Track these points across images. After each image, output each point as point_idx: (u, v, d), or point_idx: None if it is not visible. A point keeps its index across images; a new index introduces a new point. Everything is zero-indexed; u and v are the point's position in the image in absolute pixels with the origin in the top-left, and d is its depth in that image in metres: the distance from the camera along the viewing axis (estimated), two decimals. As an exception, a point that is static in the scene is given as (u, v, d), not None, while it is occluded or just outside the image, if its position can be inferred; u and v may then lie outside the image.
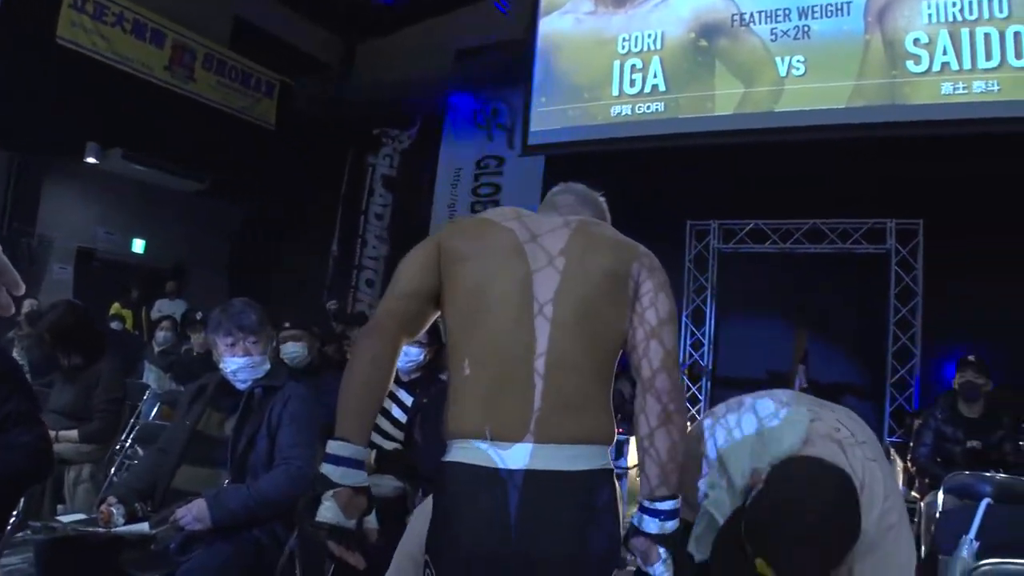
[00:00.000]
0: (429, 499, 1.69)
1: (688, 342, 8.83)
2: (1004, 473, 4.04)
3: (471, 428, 1.49)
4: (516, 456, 1.46)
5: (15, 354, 5.14)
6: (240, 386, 2.57)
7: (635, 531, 1.50)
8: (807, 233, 8.30)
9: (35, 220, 9.84)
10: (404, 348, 3.37)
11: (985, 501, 2.19)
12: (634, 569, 1.53)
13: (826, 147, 7.48)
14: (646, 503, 1.50)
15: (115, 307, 8.91)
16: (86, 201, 10.56)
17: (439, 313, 1.65)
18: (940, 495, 3.81)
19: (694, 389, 8.68)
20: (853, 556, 1.49)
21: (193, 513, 2.25)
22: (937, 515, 3.53)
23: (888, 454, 6.68)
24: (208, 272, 12.01)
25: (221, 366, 2.58)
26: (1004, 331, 6.90)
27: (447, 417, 1.55)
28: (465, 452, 1.49)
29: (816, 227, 8.23)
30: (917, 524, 4.17)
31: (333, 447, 1.41)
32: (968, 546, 2.14)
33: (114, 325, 7.75)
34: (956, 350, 5.13)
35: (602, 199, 1.94)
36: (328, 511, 1.34)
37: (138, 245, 11.39)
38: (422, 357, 3.32)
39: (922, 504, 4.29)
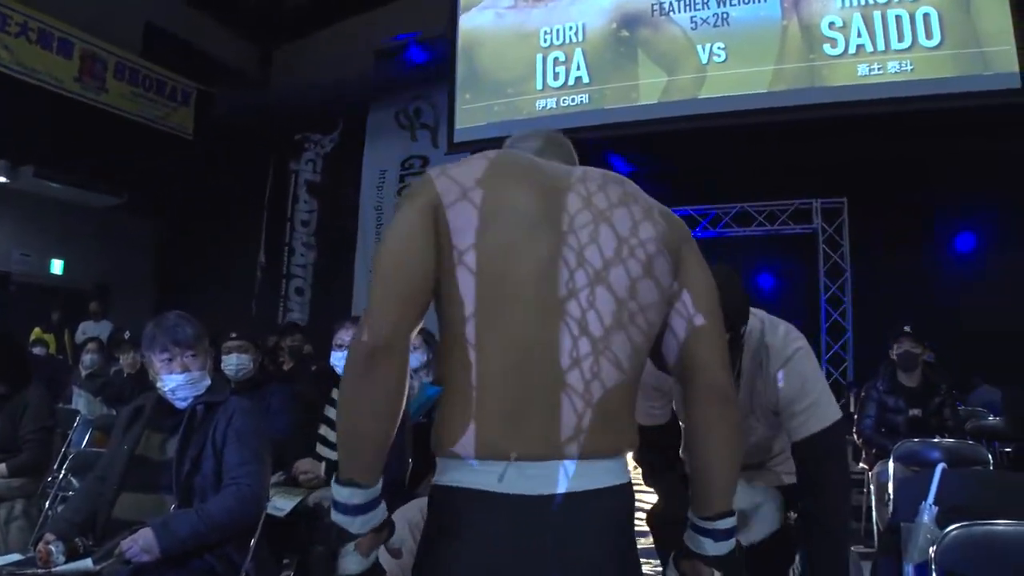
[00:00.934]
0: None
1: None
2: (947, 438, 4.21)
3: (489, 446, 1.20)
4: (552, 477, 1.20)
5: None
6: (180, 404, 2.45)
7: (689, 553, 1.31)
8: (736, 217, 8.47)
9: (-57, 247, 9.37)
10: (341, 354, 3.30)
11: (940, 466, 2.24)
12: None
13: (750, 132, 7.62)
14: (703, 523, 1.29)
15: (36, 332, 8.54)
16: (-2, 223, 10.10)
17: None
18: (891, 464, 3.92)
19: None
20: (771, 368, 1.95)
21: (140, 544, 2.13)
22: (890, 484, 3.64)
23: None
24: (132, 290, 11.66)
25: (158, 385, 2.45)
26: (930, 300, 7.16)
27: (445, 430, 1.25)
28: (477, 476, 1.21)
29: (744, 210, 8.40)
30: (866, 495, 4.28)
31: (345, 495, 1.19)
32: (928, 511, 2.18)
33: (37, 350, 7.41)
34: (886, 322, 5.26)
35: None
36: (351, 564, 1.21)
37: (56, 266, 10.97)
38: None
39: (870, 474, 4.40)
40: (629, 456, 1.36)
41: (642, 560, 1.35)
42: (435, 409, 1.35)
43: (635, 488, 1.33)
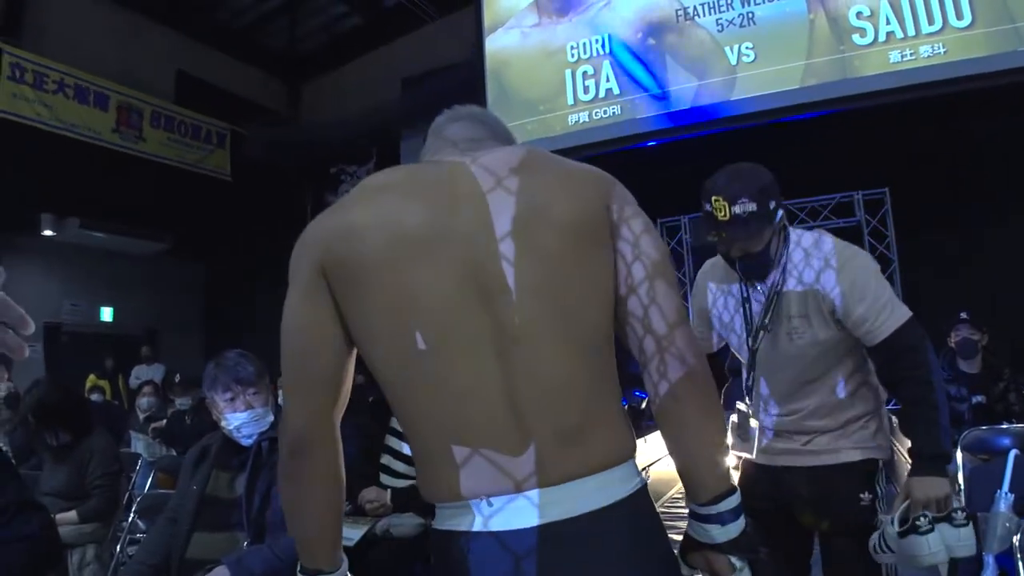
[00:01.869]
0: None
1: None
2: (1016, 423, 4.09)
3: (456, 490, 1.08)
4: (522, 513, 1.06)
5: (-3, 441, 4.98)
6: (245, 442, 2.46)
7: (694, 544, 1.15)
8: (779, 216, 8.35)
9: (-4, 302, 9.59)
10: None
11: (1013, 452, 2.21)
12: None
13: (785, 129, 7.54)
14: (700, 509, 1.12)
15: (91, 379, 8.70)
16: (48, 275, 10.36)
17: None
18: (958, 454, 3.82)
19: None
20: (834, 279, 1.88)
21: (216, 582, 2.14)
22: (960, 475, 3.55)
23: (890, 423, 6.69)
24: (182, 332, 11.87)
25: (223, 424, 2.46)
26: (982, 285, 7.00)
27: (421, 480, 1.15)
28: (456, 519, 1.10)
29: (785, 208, 8.26)
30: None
31: None
32: (1004, 500, 2.16)
33: (94, 397, 7.55)
34: (939, 310, 5.14)
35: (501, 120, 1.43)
36: None
37: (106, 313, 11.20)
38: None
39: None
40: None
41: None
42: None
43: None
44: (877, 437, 2.00)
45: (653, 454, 5.35)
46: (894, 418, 2.31)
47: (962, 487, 3.47)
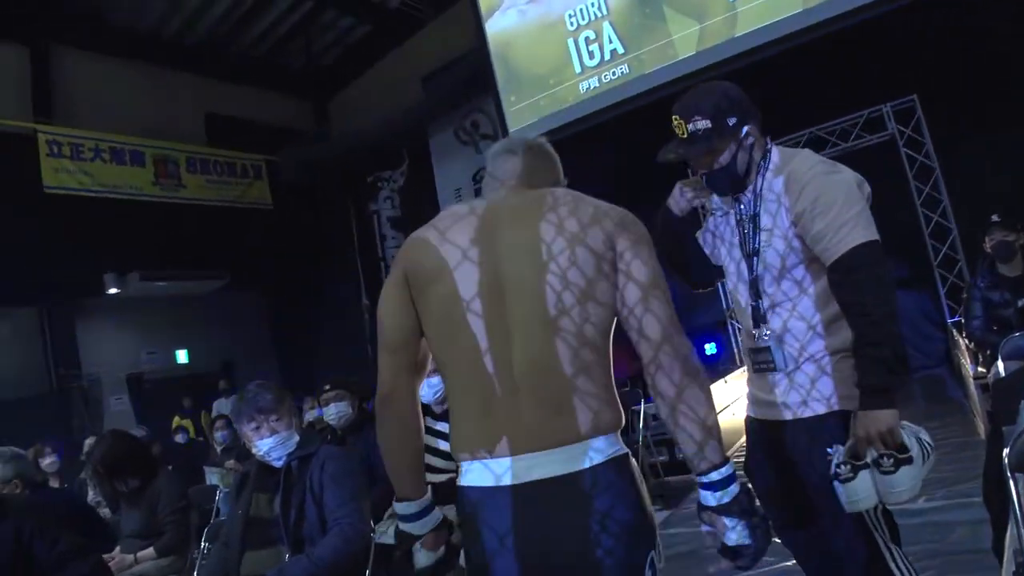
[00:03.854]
0: None
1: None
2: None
3: (469, 448, 1.46)
4: (506, 471, 1.41)
5: (90, 493, 5.32)
6: (276, 463, 2.64)
7: (700, 507, 1.44)
8: (807, 144, 8.19)
9: (79, 362, 10.21)
10: (427, 380, 3.45)
11: None
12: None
13: (796, 55, 7.38)
14: (699, 479, 1.42)
15: (176, 420, 9.14)
16: (121, 329, 10.92)
17: None
18: (1000, 364, 3.67)
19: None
20: (800, 191, 1.84)
21: (263, 595, 2.33)
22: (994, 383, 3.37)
23: (953, 336, 6.50)
24: (255, 361, 12.30)
25: (254, 451, 2.66)
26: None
27: (451, 439, 1.54)
28: (469, 474, 1.47)
29: (814, 135, 8.12)
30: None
31: (402, 508, 1.58)
32: None
33: (179, 438, 7.96)
34: (991, 210, 4.96)
35: (543, 140, 1.75)
36: (423, 558, 1.59)
37: (182, 355, 11.72)
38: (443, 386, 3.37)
39: (990, 378, 4.14)
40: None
41: None
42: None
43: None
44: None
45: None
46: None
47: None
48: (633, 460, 1.49)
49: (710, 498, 1.41)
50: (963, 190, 7.62)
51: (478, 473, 1.44)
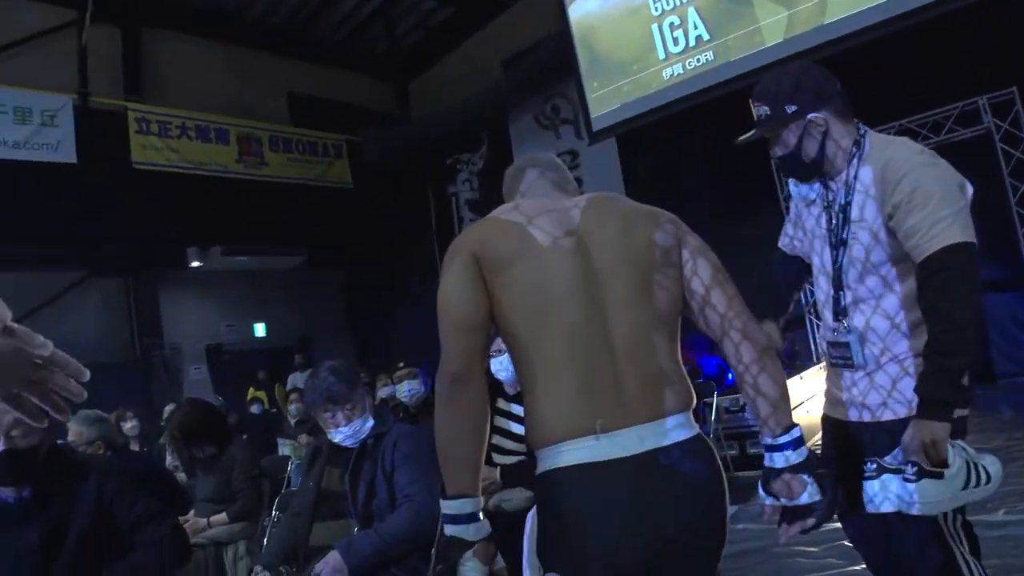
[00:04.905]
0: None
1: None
2: None
3: (576, 427, 1.40)
4: (629, 442, 1.39)
5: (168, 457, 5.50)
6: (352, 445, 2.66)
7: (771, 472, 1.49)
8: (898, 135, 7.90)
9: (161, 333, 10.58)
10: (498, 359, 3.44)
11: None
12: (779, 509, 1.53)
13: (887, 44, 7.09)
14: (770, 442, 1.48)
15: (251, 391, 9.39)
16: (202, 302, 11.26)
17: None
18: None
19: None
20: (897, 180, 1.73)
21: (331, 566, 2.36)
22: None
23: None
24: (331, 337, 12.55)
25: (329, 435, 2.67)
26: None
27: (534, 425, 1.47)
28: (575, 453, 1.40)
29: (904, 127, 7.80)
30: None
31: (455, 506, 1.42)
32: None
33: (254, 408, 8.17)
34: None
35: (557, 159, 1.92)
36: (471, 572, 1.42)
37: (259, 329, 12.01)
38: None
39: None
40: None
41: None
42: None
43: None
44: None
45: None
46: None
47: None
48: None
49: (781, 459, 1.46)
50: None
51: (587, 450, 1.39)
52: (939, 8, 6.65)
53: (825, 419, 2.02)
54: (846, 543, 1.67)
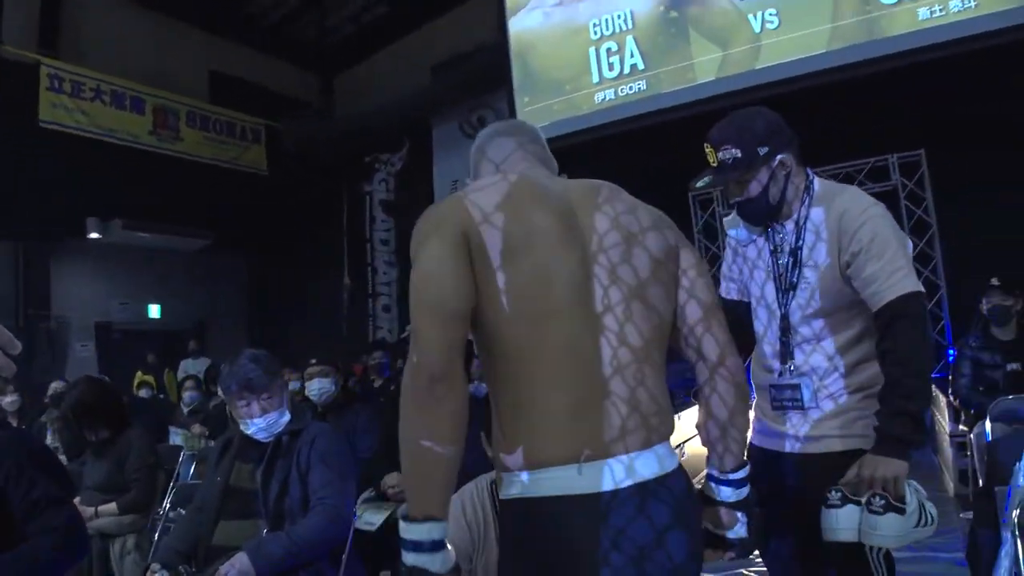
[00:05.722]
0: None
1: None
2: (1050, 392, 3.98)
3: (559, 453, 1.26)
4: (614, 473, 1.26)
5: (49, 437, 5.18)
6: (264, 439, 2.54)
7: (710, 502, 1.48)
8: (810, 184, 8.20)
9: (49, 303, 10.01)
10: None
11: None
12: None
13: (813, 94, 7.40)
14: (720, 475, 1.47)
15: (139, 375, 8.97)
16: (96, 276, 10.71)
17: None
18: (987, 424, 3.75)
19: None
20: (855, 228, 1.78)
21: (237, 568, 2.24)
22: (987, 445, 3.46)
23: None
24: (228, 325, 12.18)
25: (241, 426, 2.55)
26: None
27: (508, 443, 1.30)
28: (555, 483, 1.26)
29: (817, 175, 8.10)
30: (970, 458, 4.10)
31: (421, 532, 1.19)
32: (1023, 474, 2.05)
33: (143, 393, 7.79)
34: (980, 274, 5.03)
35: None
36: None
37: (154, 310, 11.54)
38: None
39: (971, 436, 4.21)
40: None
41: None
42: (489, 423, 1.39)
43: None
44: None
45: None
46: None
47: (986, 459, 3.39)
48: None
49: (730, 494, 1.47)
50: (956, 250, 7.67)
51: (567, 481, 1.25)
52: (864, 68, 7.02)
53: (757, 450, 2.04)
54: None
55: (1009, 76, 6.98)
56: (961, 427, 4.65)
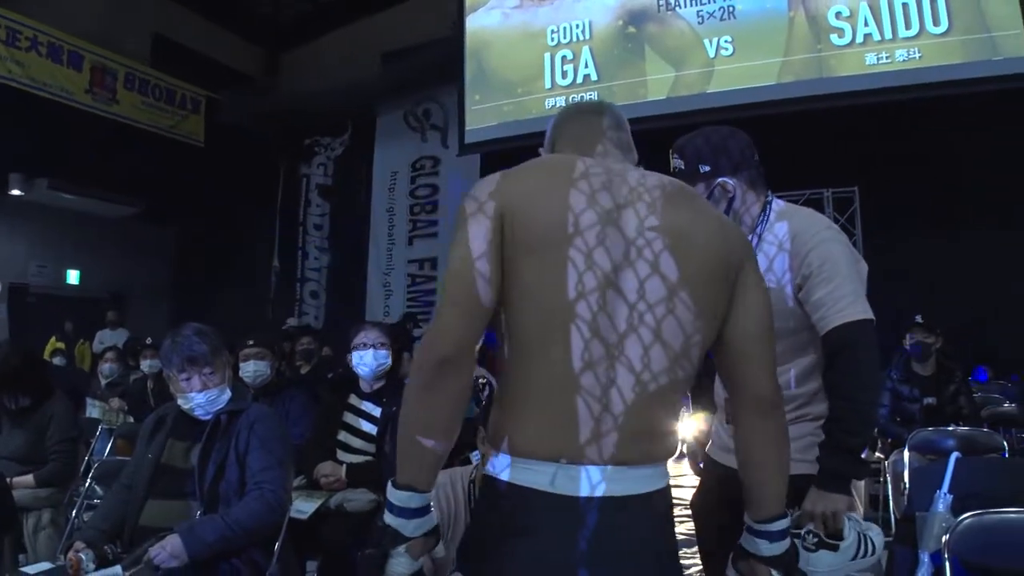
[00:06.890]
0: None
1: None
2: (961, 426, 4.20)
3: (543, 449, 1.25)
4: (594, 481, 1.24)
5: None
6: (202, 417, 2.47)
7: (745, 553, 1.39)
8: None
9: (-40, 260, 9.51)
10: (374, 352, 3.33)
11: (955, 455, 2.21)
12: None
13: (759, 124, 7.49)
14: (758, 525, 1.37)
15: (52, 342, 8.64)
16: (14, 235, 10.26)
17: None
18: (905, 453, 3.91)
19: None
20: (806, 251, 1.77)
21: (168, 550, 2.16)
22: (905, 473, 3.63)
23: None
24: (149, 298, 11.81)
25: (179, 401, 2.47)
26: (948, 285, 7.16)
27: (501, 427, 1.30)
28: (533, 475, 1.25)
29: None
30: (883, 484, 4.28)
31: (402, 499, 1.24)
32: (943, 500, 2.10)
33: (56, 360, 7.51)
34: (904, 310, 5.26)
35: None
36: (401, 565, 1.25)
37: (73, 276, 11.12)
38: (389, 362, 3.28)
39: (886, 464, 4.40)
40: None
41: (683, 551, 1.42)
42: (492, 405, 1.37)
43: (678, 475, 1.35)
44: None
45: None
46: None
47: (907, 486, 3.56)
48: None
49: (765, 547, 1.36)
50: (881, 286, 7.93)
51: (547, 476, 1.24)
52: (810, 104, 7.23)
53: (713, 463, 2.06)
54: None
55: (944, 127, 7.32)
56: (877, 455, 4.84)
